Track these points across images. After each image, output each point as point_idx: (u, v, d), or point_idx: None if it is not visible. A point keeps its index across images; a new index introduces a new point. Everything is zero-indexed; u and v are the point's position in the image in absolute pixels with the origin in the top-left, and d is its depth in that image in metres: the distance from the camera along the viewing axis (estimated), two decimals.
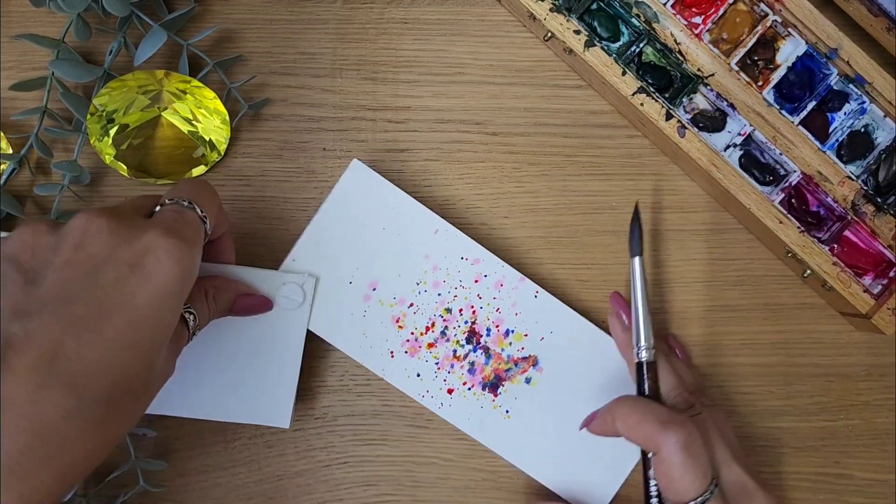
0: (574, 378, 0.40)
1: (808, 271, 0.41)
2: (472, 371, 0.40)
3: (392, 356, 0.40)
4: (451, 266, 0.40)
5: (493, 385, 0.40)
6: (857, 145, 0.42)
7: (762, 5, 0.41)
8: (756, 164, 0.42)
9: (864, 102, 0.41)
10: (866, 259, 0.42)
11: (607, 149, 0.44)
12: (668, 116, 0.41)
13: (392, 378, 0.40)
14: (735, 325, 0.44)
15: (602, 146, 0.44)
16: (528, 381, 0.41)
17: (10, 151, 0.44)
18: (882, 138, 0.42)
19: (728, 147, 0.42)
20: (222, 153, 0.44)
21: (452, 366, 0.40)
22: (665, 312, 0.44)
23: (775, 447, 0.43)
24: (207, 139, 0.44)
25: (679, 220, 0.44)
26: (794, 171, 0.41)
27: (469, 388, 0.40)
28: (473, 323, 0.41)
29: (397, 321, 0.40)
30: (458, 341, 0.40)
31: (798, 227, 0.41)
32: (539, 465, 0.40)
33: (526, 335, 0.41)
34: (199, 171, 0.44)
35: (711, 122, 0.42)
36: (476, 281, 0.41)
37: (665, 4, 0.42)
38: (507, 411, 0.40)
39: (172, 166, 0.44)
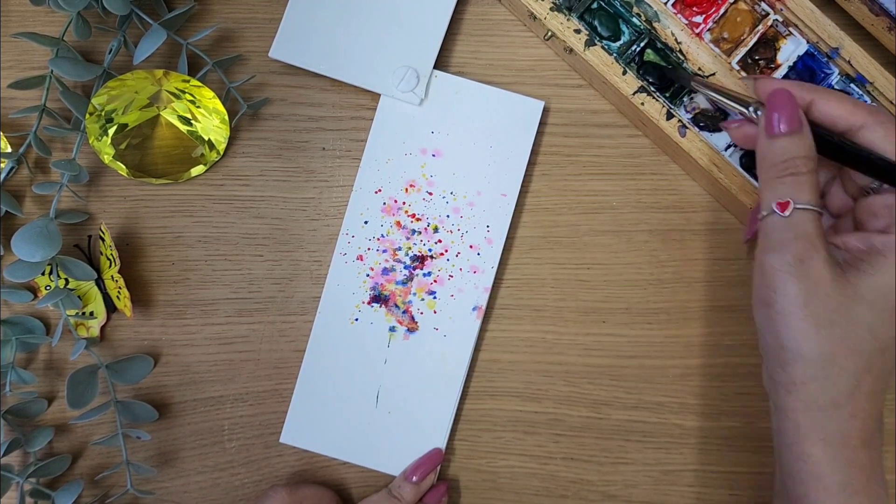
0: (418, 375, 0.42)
1: None
2: (385, 273, 0.42)
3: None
4: (469, 225, 0.43)
5: (378, 299, 0.43)
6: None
7: (763, 4, 0.41)
8: None
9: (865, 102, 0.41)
10: None
11: (608, 148, 0.44)
12: (669, 116, 0.41)
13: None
14: (735, 325, 0.44)
15: (602, 146, 0.44)
16: (392, 329, 0.43)
17: (9, 150, 0.44)
18: None
19: (729, 147, 0.41)
20: (221, 153, 0.44)
21: (385, 254, 0.43)
22: (665, 312, 0.44)
23: None
24: (206, 139, 0.44)
25: (679, 219, 0.44)
26: None
27: (361, 288, 0.43)
28: (430, 257, 0.42)
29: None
30: (409, 249, 0.43)
31: None
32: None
33: (436, 312, 0.42)
34: (197, 170, 0.44)
35: (712, 121, 0.42)
36: (471, 247, 0.42)
37: (666, 3, 0.41)
38: (357, 319, 0.43)
39: (171, 166, 0.44)
